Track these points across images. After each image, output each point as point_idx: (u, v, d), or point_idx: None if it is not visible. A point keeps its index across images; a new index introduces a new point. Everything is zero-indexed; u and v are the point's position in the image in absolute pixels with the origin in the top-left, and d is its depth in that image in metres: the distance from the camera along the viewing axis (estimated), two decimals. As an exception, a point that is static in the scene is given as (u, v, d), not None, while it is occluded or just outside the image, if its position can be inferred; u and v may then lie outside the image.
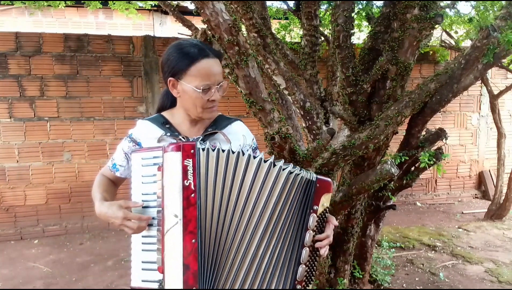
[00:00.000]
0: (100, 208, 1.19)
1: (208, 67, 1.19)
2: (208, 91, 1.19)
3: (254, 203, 1.10)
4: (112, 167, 1.36)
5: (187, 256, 1.04)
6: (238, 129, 1.35)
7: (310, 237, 1.15)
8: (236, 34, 1.67)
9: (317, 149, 2.06)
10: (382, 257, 3.58)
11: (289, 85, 2.69)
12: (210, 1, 1.56)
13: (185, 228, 1.05)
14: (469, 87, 2.75)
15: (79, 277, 3.44)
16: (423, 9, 2.28)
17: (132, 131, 1.33)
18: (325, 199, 1.18)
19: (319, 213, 1.17)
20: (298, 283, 1.15)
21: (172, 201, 1.07)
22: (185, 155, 1.07)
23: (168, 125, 1.28)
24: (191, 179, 1.07)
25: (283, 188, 1.12)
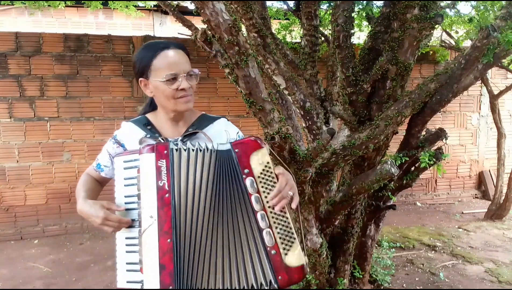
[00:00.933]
0: (83, 205, 1.21)
1: (169, 57, 1.21)
2: (175, 81, 1.20)
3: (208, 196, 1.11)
4: (96, 167, 1.38)
5: (163, 256, 1.05)
6: (220, 126, 1.33)
7: (258, 201, 1.11)
8: (236, 34, 1.67)
9: (317, 149, 2.06)
10: (382, 257, 3.58)
11: (289, 85, 2.69)
12: (210, 1, 1.56)
13: (160, 228, 1.07)
14: (469, 87, 2.75)
15: (79, 277, 3.44)
16: (423, 9, 2.28)
17: (117, 133, 1.33)
18: (258, 157, 1.13)
19: (258, 173, 1.12)
20: (271, 248, 1.10)
21: (148, 202, 1.09)
22: (158, 156, 1.10)
23: (149, 127, 1.29)
24: (165, 179, 1.09)
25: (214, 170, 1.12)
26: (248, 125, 4.99)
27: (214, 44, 1.63)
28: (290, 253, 1.10)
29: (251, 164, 1.12)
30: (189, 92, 1.22)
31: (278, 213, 1.11)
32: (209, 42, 1.62)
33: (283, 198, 1.11)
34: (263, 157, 1.13)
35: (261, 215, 1.10)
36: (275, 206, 1.11)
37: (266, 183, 1.13)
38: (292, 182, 1.15)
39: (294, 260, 1.10)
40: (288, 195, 1.12)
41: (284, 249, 1.10)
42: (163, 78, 1.19)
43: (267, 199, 1.11)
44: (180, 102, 1.23)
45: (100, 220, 1.14)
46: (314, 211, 2.52)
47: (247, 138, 1.15)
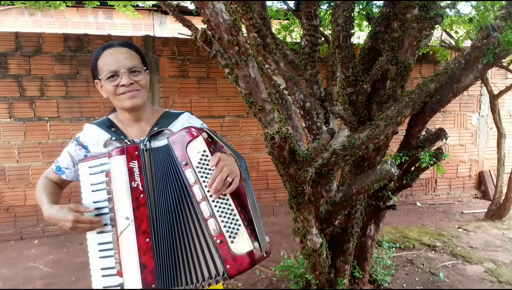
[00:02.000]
0: (50, 211, 1.19)
1: (109, 55, 1.22)
2: (116, 77, 1.21)
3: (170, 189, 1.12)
4: (56, 169, 1.35)
5: (143, 255, 1.07)
6: (184, 120, 1.32)
7: (199, 191, 1.09)
8: (236, 34, 1.67)
9: (317, 149, 2.06)
10: (382, 257, 3.58)
11: (289, 85, 2.69)
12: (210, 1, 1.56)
13: (138, 228, 1.08)
14: (469, 87, 2.75)
15: (79, 277, 3.44)
16: (423, 9, 2.28)
17: (80, 135, 1.33)
18: (195, 147, 1.11)
19: (196, 163, 1.11)
20: (217, 237, 1.07)
21: (122, 204, 1.09)
22: (129, 158, 1.11)
23: (114, 128, 1.29)
24: (138, 180, 1.10)
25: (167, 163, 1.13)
26: (248, 125, 4.99)
27: (214, 44, 1.63)
28: (236, 240, 1.08)
29: (189, 155, 1.11)
30: (133, 88, 1.21)
31: (220, 201, 1.09)
32: (209, 42, 1.62)
33: (220, 184, 1.07)
34: (199, 146, 1.11)
35: (204, 205, 1.08)
36: (215, 195, 1.08)
37: (205, 172, 1.10)
38: (232, 167, 1.10)
39: (241, 246, 1.08)
40: (226, 181, 1.08)
41: (230, 237, 1.07)
42: (104, 77, 1.21)
43: (207, 189, 1.09)
44: (123, 98, 1.23)
45: (70, 223, 1.12)
46: (314, 211, 2.52)
47: (181, 130, 1.14)
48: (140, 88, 1.22)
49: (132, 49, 1.25)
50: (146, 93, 1.26)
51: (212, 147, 1.14)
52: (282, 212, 5.26)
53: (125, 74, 1.20)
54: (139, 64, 1.23)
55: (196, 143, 1.12)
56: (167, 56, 4.72)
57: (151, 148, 1.15)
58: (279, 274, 3.26)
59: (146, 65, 1.29)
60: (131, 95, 1.22)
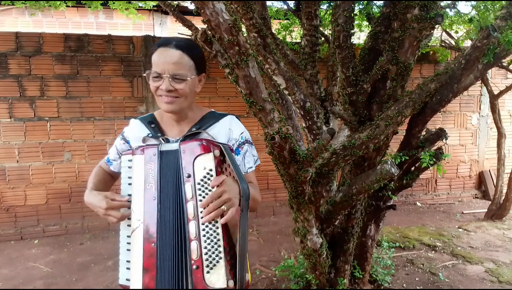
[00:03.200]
0: (88, 196, 1.23)
1: (160, 54, 1.19)
2: (159, 79, 1.17)
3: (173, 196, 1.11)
4: (107, 160, 1.38)
5: (147, 259, 1.06)
6: (225, 123, 1.27)
7: (193, 208, 1.05)
8: (236, 34, 1.67)
9: (317, 149, 2.06)
10: (382, 257, 3.58)
11: (289, 85, 2.69)
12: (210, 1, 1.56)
13: (146, 231, 1.07)
14: (469, 87, 2.75)
15: (79, 277, 3.44)
16: (423, 9, 2.28)
17: (125, 129, 1.34)
18: (202, 162, 1.06)
19: (199, 179, 1.06)
20: (195, 262, 1.03)
21: (137, 204, 1.09)
22: (147, 159, 1.10)
23: (153, 125, 1.27)
24: (152, 182, 1.08)
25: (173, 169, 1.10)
26: (248, 125, 4.97)
27: (214, 44, 1.63)
28: (212, 272, 1.03)
29: (194, 168, 1.06)
30: (171, 94, 1.17)
31: (210, 227, 1.04)
32: (209, 42, 1.62)
33: (213, 209, 1.03)
34: (207, 162, 1.06)
35: (192, 224, 1.04)
36: (205, 218, 1.04)
37: (204, 191, 1.05)
38: (232, 194, 1.04)
39: (215, 280, 1.03)
40: (220, 208, 1.03)
41: (208, 266, 1.03)
42: (150, 75, 1.19)
43: (201, 209, 1.05)
44: (161, 100, 1.19)
45: (103, 210, 1.14)
46: (314, 211, 2.52)
47: (195, 140, 1.10)
48: (179, 96, 1.18)
49: (187, 53, 1.19)
50: (189, 99, 1.21)
51: (220, 168, 1.09)
52: (282, 212, 5.26)
53: (167, 79, 1.16)
54: (185, 72, 1.17)
55: (205, 159, 1.07)
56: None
57: (167, 151, 1.12)
58: (279, 274, 3.26)
59: (202, 69, 1.25)
60: (168, 100, 1.18)
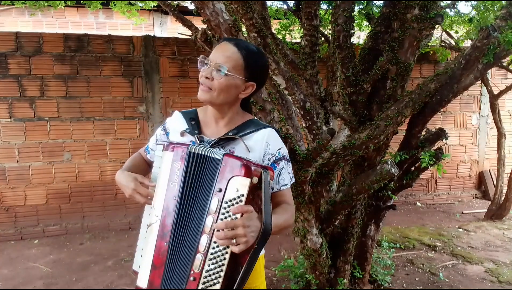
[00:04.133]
0: (119, 175, 1.22)
1: (218, 46, 1.20)
2: (205, 66, 1.17)
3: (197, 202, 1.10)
4: (146, 148, 1.38)
5: (157, 256, 1.07)
6: (264, 136, 1.21)
7: (210, 222, 1.03)
8: (236, 34, 1.67)
9: (317, 149, 2.06)
10: (382, 257, 3.58)
11: (289, 85, 2.69)
12: (210, 1, 1.56)
13: (162, 229, 1.08)
14: (469, 87, 2.75)
15: (79, 277, 3.44)
16: (423, 9, 2.28)
17: (168, 120, 1.34)
18: (238, 184, 1.02)
19: (228, 199, 1.03)
20: (194, 274, 1.03)
21: (158, 199, 1.10)
22: (175, 157, 1.09)
23: (194, 122, 1.26)
24: (176, 181, 1.08)
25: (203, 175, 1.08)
26: (248, 125, 4.98)
27: (214, 44, 1.63)
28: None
29: (227, 186, 1.03)
30: (206, 83, 1.16)
31: (219, 248, 1.03)
32: (209, 42, 1.63)
33: (223, 237, 1.00)
34: (242, 187, 1.02)
35: (205, 238, 1.03)
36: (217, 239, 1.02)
37: (228, 213, 1.03)
38: (249, 232, 1.00)
39: None
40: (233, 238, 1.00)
41: (204, 284, 1.03)
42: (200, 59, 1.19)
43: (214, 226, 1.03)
44: (200, 88, 1.19)
45: (130, 190, 1.15)
46: (314, 211, 2.52)
47: (240, 160, 1.05)
48: (212, 89, 1.15)
49: (241, 52, 1.16)
50: (224, 97, 1.17)
51: (252, 195, 1.04)
52: (282, 212, 5.25)
53: (211, 67, 1.15)
54: (229, 67, 1.14)
55: (241, 182, 1.02)
56: (167, 56, 4.73)
57: (201, 155, 1.09)
58: (279, 274, 3.26)
59: (254, 77, 1.20)
60: (202, 88, 1.18)
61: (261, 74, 1.24)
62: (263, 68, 1.25)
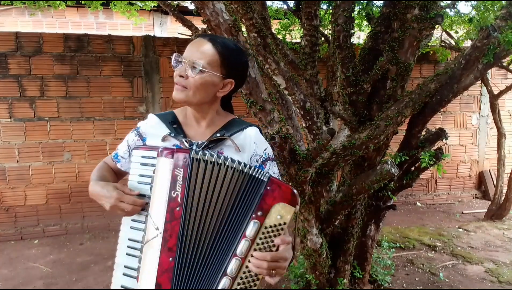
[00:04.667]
0: (94, 186, 1.11)
1: (192, 43, 1.13)
2: (179, 64, 1.11)
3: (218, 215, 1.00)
4: (114, 156, 1.27)
5: (161, 274, 0.97)
6: (250, 135, 1.18)
7: (245, 247, 0.96)
8: (236, 34, 1.67)
9: (317, 149, 2.07)
10: (382, 257, 3.58)
11: (289, 85, 2.69)
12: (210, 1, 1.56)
13: (164, 243, 0.98)
14: (469, 87, 2.75)
15: (79, 277, 3.44)
16: (423, 9, 2.28)
17: (141, 124, 1.23)
18: (281, 211, 0.97)
19: (268, 224, 0.97)
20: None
21: (156, 211, 1.00)
22: (176, 164, 1.00)
23: (175, 125, 1.18)
24: (179, 191, 0.98)
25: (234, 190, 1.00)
26: (248, 125, 4.99)
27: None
28: None
29: (270, 211, 0.97)
30: (181, 81, 1.10)
31: (252, 274, 0.98)
32: (209, 42, 1.62)
33: (266, 267, 0.96)
34: (286, 215, 0.97)
35: (236, 262, 0.97)
36: (254, 267, 0.96)
37: (266, 240, 0.97)
38: (286, 263, 0.99)
39: None
40: (271, 270, 0.97)
41: None
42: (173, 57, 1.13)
43: (254, 254, 0.97)
44: (175, 88, 1.12)
45: (113, 200, 1.03)
46: (314, 211, 2.52)
47: (288, 186, 0.99)
48: (188, 88, 1.09)
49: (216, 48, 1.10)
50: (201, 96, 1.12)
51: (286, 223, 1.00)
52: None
53: (185, 64, 1.09)
54: (204, 63, 1.08)
55: (286, 210, 0.96)
56: (167, 56, 4.73)
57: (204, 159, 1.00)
58: (279, 274, 3.26)
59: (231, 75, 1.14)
60: (177, 88, 1.11)
61: (240, 70, 1.18)
62: (242, 64, 1.18)
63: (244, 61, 1.20)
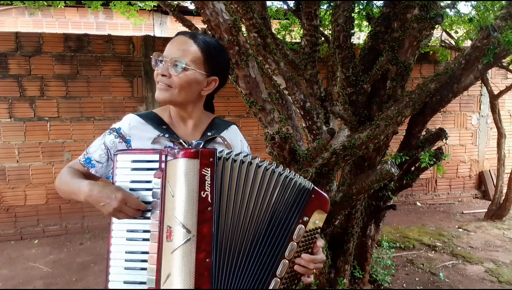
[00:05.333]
0: (92, 187, 1.03)
1: (172, 40, 1.11)
2: (161, 63, 1.08)
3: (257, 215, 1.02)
4: (85, 161, 1.17)
5: (199, 276, 0.94)
6: (236, 133, 1.24)
7: (292, 250, 1.03)
8: (236, 34, 1.67)
9: (317, 149, 2.07)
10: (382, 257, 3.58)
11: (289, 85, 2.69)
12: (210, 1, 1.56)
13: (199, 245, 0.95)
14: (469, 87, 2.75)
15: (79, 277, 3.44)
16: (423, 9, 2.28)
17: (121, 126, 1.15)
18: (318, 217, 1.07)
19: (308, 229, 1.05)
20: None
21: (184, 214, 0.95)
22: (203, 163, 0.96)
23: (165, 126, 1.14)
24: (208, 190, 0.96)
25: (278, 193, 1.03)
26: (248, 125, 4.99)
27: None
28: None
29: (311, 217, 1.06)
30: (164, 80, 1.07)
31: (295, 275, 1.05)
32: (209, 42, 1.62)
33: (311, 268, 1.04)
34: (321, 221, 1.08)
35: (284, 264, 1.03)
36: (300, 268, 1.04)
37: (306, 242, 1.06)
38: (322, 264, 1.10)
39: None
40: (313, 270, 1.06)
41: None
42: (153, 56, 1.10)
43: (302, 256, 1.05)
44: (157, 88, 1.10)
45: (116, 203, 0.97)
46: (314, 211, 2.51)
47: (325, 195, 1.10)
48: (172, 86, 1.07)
49: (198, 45, 1.09)
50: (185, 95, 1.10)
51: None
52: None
53: (167, 63, 1.07)
54: (187, 61, 1.06)
55: (322, 216, 1.08)
56: (167, 56, 4.73)
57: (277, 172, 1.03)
58: (279, 274, 3.26)
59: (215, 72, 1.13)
60: (160, 87, 1.09)
61: (223, 67, 1.17)
62: (224, 61, 1.17)
63: (226, 58, 1.19)
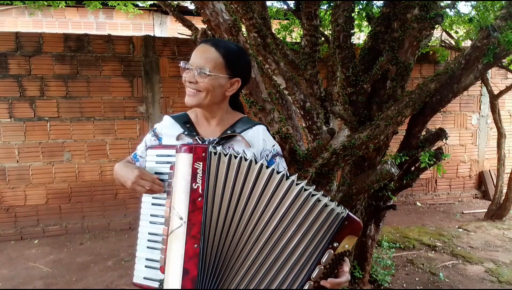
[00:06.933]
0: (118, 166, 1.24)
1: (197, 49, 1.22)
2: (188, 71, 1.21)
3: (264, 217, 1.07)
4: (133, 156, 1.37)
5: (188, 260, 1.04)
6: (259, 132, 1.28)
7: (319, 273, 1.07)
8: (236, 34, 1.67)
9: (317, 149, 2.07)
10: (382, 257, 3.58)
11: (289, 85, 2.69)
12: (210, 1, 1.57)
13: (189, 232, 1.05)
14: (469, 87, 2.75)
15: (79, 277, 3.44)
16: (423, 9, 2.28)
17: (157, 126, 1.35)
18: (348, 241, 1.10)
19: (336, 252, 1.09)
20: None
21: (179, 203, 1.07)
22: (195, 158, 1.07)
23: (188, 125, 1.29)
24: (199, 182, 1.06)
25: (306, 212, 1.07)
26: (248, 125, 4.99)
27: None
28: None
29: (341, 243, 1.09)
30: (191, 87, 1.21)
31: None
32: (209, 42, 1.62)
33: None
34: (350, 244, 1.11)
35: (309, 285, 1.07)
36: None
37: (332, 265, 1.10)
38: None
39: None
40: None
41: None
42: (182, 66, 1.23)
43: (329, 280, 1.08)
44: (187, 94, 1.23)
45: (134, 178, 1.14)
46: (314, 211, 2.51)
47: (359, 221, 1.11)
48: (200, 90, 1.20)
49: (219, 51, 1.21)
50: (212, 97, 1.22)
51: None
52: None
53: (193, 71, 1.20)
54: (210, 68, 1.19)
55: (352, 241, 1.10)
56: (167, 56, 4.73)
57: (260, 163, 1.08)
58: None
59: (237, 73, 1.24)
60: (189, 93, 1.22)
61: (244, 68, 1.28)
62: (245, 62, 1.29)
63: (246, 59, 1.30)
